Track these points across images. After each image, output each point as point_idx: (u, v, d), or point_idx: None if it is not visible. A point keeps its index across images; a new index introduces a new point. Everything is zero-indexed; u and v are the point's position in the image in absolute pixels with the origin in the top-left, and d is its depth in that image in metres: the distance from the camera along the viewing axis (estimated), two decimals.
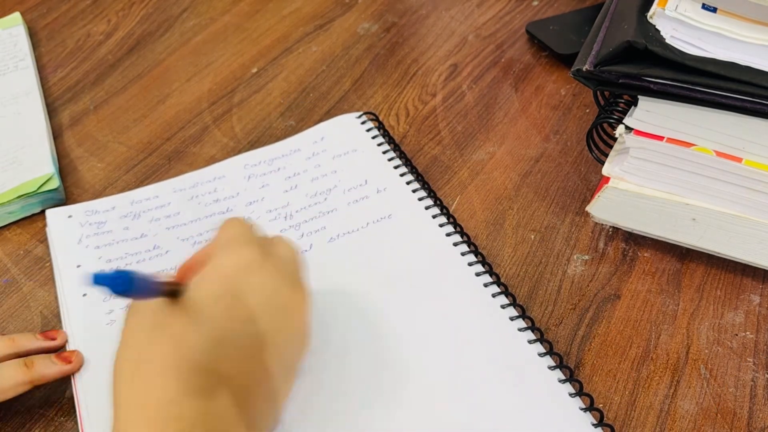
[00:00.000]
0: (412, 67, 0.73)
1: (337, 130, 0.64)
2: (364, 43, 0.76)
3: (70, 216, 0.59)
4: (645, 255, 0.54)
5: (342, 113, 0.67)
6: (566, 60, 0.70)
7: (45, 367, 0.47)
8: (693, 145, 0.49)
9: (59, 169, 0.64)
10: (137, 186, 0.62)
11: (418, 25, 0.78)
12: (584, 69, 0.50)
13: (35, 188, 0.60)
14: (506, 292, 0.51)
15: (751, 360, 0.48)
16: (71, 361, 0.48)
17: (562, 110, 0.66)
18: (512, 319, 0.49)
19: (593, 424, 0.44)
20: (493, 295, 0.50)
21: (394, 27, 0.78)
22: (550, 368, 0.46)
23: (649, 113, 0.49)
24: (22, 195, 0.59)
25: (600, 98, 0.55)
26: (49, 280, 0.56)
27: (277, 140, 0.65)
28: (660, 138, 0.49)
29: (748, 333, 0.49)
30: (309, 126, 0.66)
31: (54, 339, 0.49)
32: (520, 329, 0.48)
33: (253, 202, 0.59)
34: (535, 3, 0.79)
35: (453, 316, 0.49)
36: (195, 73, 0.74)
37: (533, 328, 0.48)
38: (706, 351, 0.48)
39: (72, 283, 0.54)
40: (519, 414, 0.44)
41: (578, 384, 0.46)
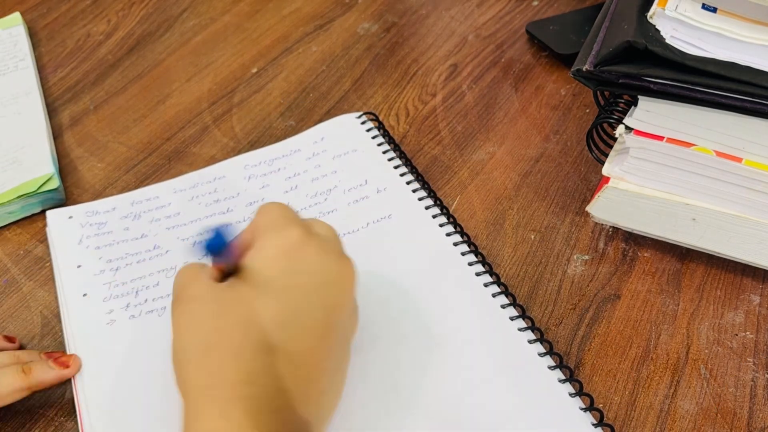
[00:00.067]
0: (412, 67, 0.73)
1: (337, 131, 0.64)
2: (364, 43, 0.76)
3: (71, 217, 0.59)
4: (645, 255, 0.54)
5: (342, 113, 0.67)
6: (566, 60, 0.70)
7: (43, 373, 0.46)
8: (693, 145, 0.49)
9: (59, 169, 0.64)
10: (137, 186, 0.62)
11: (418, 25, 0.78)
12: (584, 69, 0.50)
13: (35, 188, 0.60)
14: (506, 292, 0.51)
15: (751, 360, 0.48)
16: (69, 366, 0.47)
17: (562, 110, 0.66)
18: (512, 319, 0.49)
19: (593, 424, 0.44)
20: (493, 295, 0.50)
21: (394, 27, 0.78)
22: (550, 368, 0.46)
23: (649, 113, 0.49)
24: (22, 195, 0.59)
25: (600, 98, 0.55)
26: (49, 280, 0.56)
27: (277, 140, 0.65)
28: (660, 138, 0.49)
29: (748, 333, 0.49)
30: (309, 126, 0.66)
31: (68, 367, 0.47)
32: (520, 329, 0.48)
33: (254, 203, 0.59)
34: (535, 3, 0.79)
35: (453, 316, 0.49)
36: (195, 73, 0.74)
37: (533, 328, 0.48)
38: (706, 351, 0.48)
39: (72, 284, 0.54)
40: (519, 414, 0.44)
41: (578, 384, 0.46)
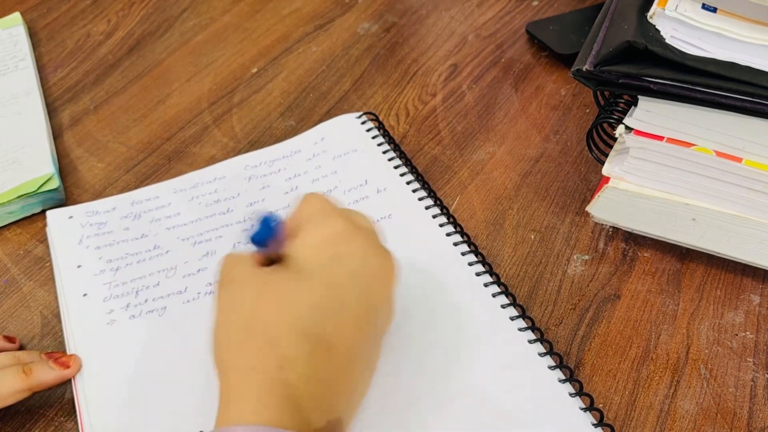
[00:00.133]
0: (412, 67, 0.73)
1: (337, 131, 0.64)
2: (364, 43, 0.76)
3: (71, 216, 0.59)
4: (645, 255, 0.54)
5: (342, 113, 0.67)
6: (566, 60, 0.70)
7: (43, 373, 0.47)
8: (693, 145, 0.49)
9: (59, 169, 0.64)
10: (137, 186, 0.62)
11: (418, 25, 0.78)
12: (584, 69, 0.50)
13: (35, 188, 0.60)
14: (506, 292, 0.51)
15: (751, 360, 0.48)
16: (69, 366, 0.47)
17: (562, 110, 0.66)
18: (512, 319, 0.49)
19: (593, 424, 0.44)
20: (493, 295, 0.50)
21: (394, 27, 0.78)
22: (550, 368, 0.46)
23: (649, 113, 0.49)
24: (22, 195, 0.59)
25: (600, 98, 0.55)
26: (49, 280, 0.56)
27: (277, 140, 0.65)
28: (660, 138, 0.49)
29: (748, 333, 0.49)
30: (309, 126, 0.66)
31: (68, 367, 0.47)
32: (520, 329, 0.48)
33: (254, 203, 0.59)
34: (535, 3, 0.79)
35: (453, 316, 0.49)
36: (195, 73, 0.74)
37: (533, 328, 0.48)
38: (706, 351, 0.48)
39: (72, 283, 0.54)
40: (519, 413, 0.44)
41: (578, 384, 0.46)
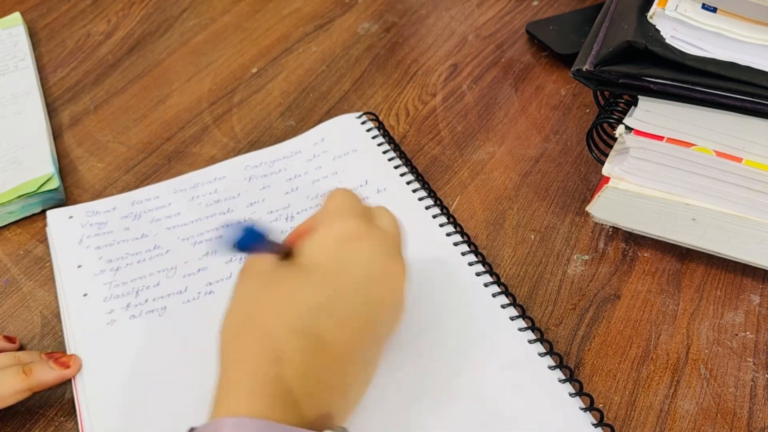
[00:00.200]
0: (412, 67, 0.73)
1: (337, 131, 0.64)
2: (364, 43, 0.76)
3: (71, 216, 0.59)
4: (645, 255, 0.54)
5: (342, 113, 0.67)
6: (566, 60, 0.70)
7: (44, 374, 0.47)
8: (693, 145, 0.49)
9: (59, 169, 0.64)
10: (137, 186, 0.62)
11: (418, 25, 0.78)
12: (584, 69, 0.50)
13: (35, 188, 0.60)
14: (506, 292, 0.51)
15: (751, 360, 0.48)
16: (69, 366, 0.47)
17: (562, 110, 0.66)
18: (512, 319, 0.49)
19: (593, 424, 0.44)
20: (493, 295, 0.50)
21: (394, 27, 0.78)
22: (550, 368, 0.46)
23: (649, 113, 0.49)
24: (22, 195, 0.59)
25: (600, 98, 0.55)
26: (49, 280, 0.56)
27: (277, 140, 0.65)
28: (660, 138, 0.49)
29: (748, 333, 0.49)
30: (309, 126, 0.66)
31: (68, 367, 0.47)
32: (520, 329, 0.48)
33: (254, 203, 0.59)
34: (535, 3, 0.79)
35: (453, 316, 0.49)
36: (195, 73, 0.74)
37: (533, 328, 0.48)
38: (706, 351, 0.48)
39: (72, 283, 0.54)
40: (519, 413, 0.44)
41: (578, 384, 0.46)
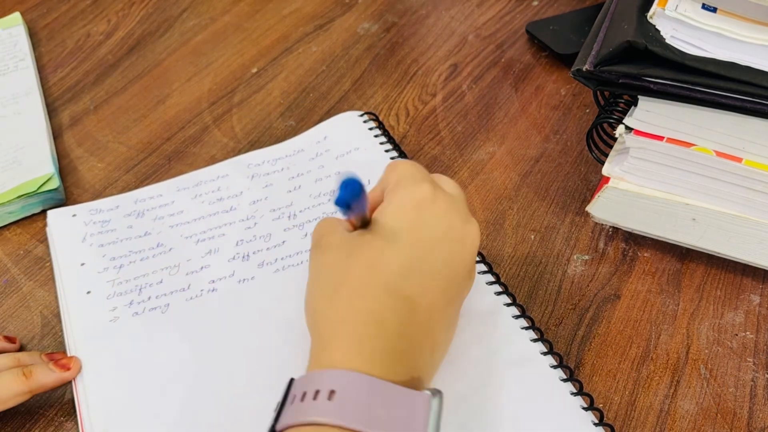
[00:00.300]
0: (412, 67, 0.73)
1: (340, 128, 0.64)
2: (364, 43, 0.76)
3: (74, 215, 0.59)
4: (645, 255, 0.54)
5: (342, 113, 0.67)
6: (566, 60, 0.70)
7: (44, 376, 0.47)
8: (693, 145, 0.49)
9: (59, 169, 0.64)
10: (137, 186, 0.62)
11: (418, 25, 0.78)
12: (584, 69, 0.50)
13: (35, 188, 0.60)
14: (506, 292, 0.51)
15: (751, 360, 0.48)
16: (69, 368, 0.47)
17: (562, 110, 0.67)
18: (513, 319, 0.49)
19: (593, 424, 0.44)
20: (494, 294, 0.50)
21: (394, 27, 0.78)
22: (551, 367, 0.46)
23: (649, 113, 0.49)
24: (22, 195, 0.59)
25: (600, 98, 0.55)
26: (49, 280, 0.56)
27: (278, 140, 0.65)
28: (660, 138, 0.49)
29: (748, 333, 0.49)
30: (309, 126, 0.66)
31: (68, 369, 0.47)
32: (521, 329, 0.48)
33: (257, 201, 0.59)
34: (535, 3, 0.79)
35: None
36: (195, 73, 0.74)
37: (533, 328, 0.48)
38: (706, 351, 0.48)
39: (75, 281, 0.54)
40: (519, 413, 0.44)
41: (578, 384, 0.46)
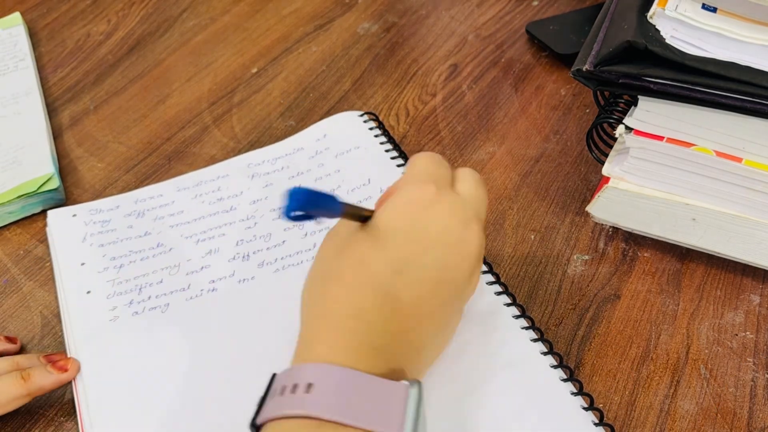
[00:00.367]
0: (412, 67, 0.73)
1: (339, 127, 0.64)
2: (364, 43, 0.76)
3: (75, 215, 0.59)
4: (645, 255, 0.54)
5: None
6: (566, 60, 0.70)
7: (42, 378, 0.47)
8: (693, 145, 0.49)
9: (59, 169, 0.64)
10: (137, 186, 0.62)
11: (418, 25, 0.78)
12: (584, 69, 0.50)
13: (35, 188, 0.60)
14: (506, 292, 0.51)
15: (751, 360, 0.48)
16: (67, 369, 0.48)
17: (562, 110, 0.67)
18: (513, 319, 0.49)
19: (594, 424, 0.44)
20: (494, 294, 0.50)
21: (394, 27, 0.78)
22: (551, 367, 0.46)
23: (649, 113, 0.49)
24: (22, 195, 0.59)
25: (600, 98, 0.55)
26: (49, 280, 0.56)
27: (278, 140, 0.65)
28: (660, 138, 0.49)
29: (748, 333, 0.49)
30: (309, 126, 0.66)
31: (66, 371, 0.47)
32: (521, 329, 0.48)
33: (257, 201, 0.59)
34: (535, 3, 0.79)
35: None
36: (195, 73, 0.74)
37: (533, 328, 0.48)
38: (706, 351, 0.48)
39: (75, 281, 0.54)
40: (519, 413, 0.44)
41: (578, 384, 0.46)
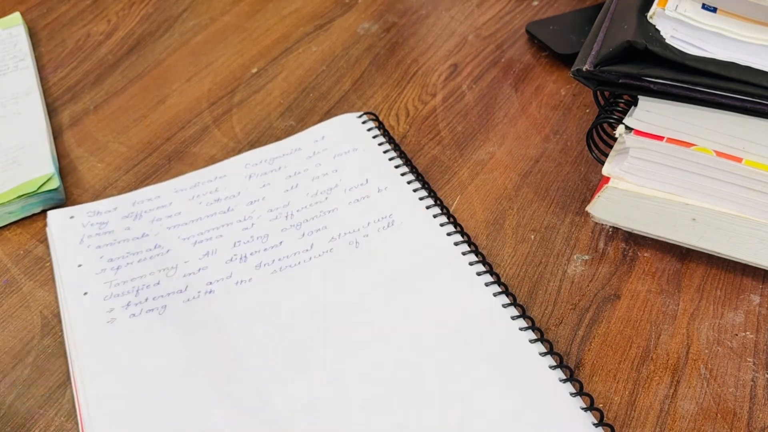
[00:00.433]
0: (412, 67, 0.73)
1: (338, 129, 0.64)
2: (364, 43, 0.76)
3: (72, 216, 0.59)
4: (645, 255, 0.54)
5: (342, 113, 0.67)
6: (566, 60, 0.70)
7: None
8: (693, 145, 0.49)
9: (59, 169, 0.64)
10: (137, 186, 0.62)
11: (418, 25, 0.78)
12: (584, 69, 0.50)
13: (35, 188, 0.60)
14: (506, 292, 0.51)
15: (751, 360, 0.48)
16: None
17: (562, 110, 0.66)
18: (513, 319, 0.49)
19: (593, 424, 0.44)
20: (494, 295, 0.50)
21: (394, 27, 0.78)
22: (551, 368, 0.46)
23: (649, 113, 0.49)
24: (22, 195, 0.59)
25: (600, 98, 0.55)
26: (49, 280, 0.56)
27: (277, 140, 0.65)
28: (660, 138, 0.49)
29: (748, 333, 0.49)
30: (309, 126, 0.66)
31: None
32: (521, 329, 0.48)
33: (254, 202, 0.59)
34: (535, 3, 0.79)
35: (453, 316, 0.49)
36: (195, 73, 0.74)
37: (533, 328, 0.48)
38: (706, 351, 0.48)
39: (73, 282, 0.54)
40: (519, 413, 0.44)
41: (578, 384, 0.46)
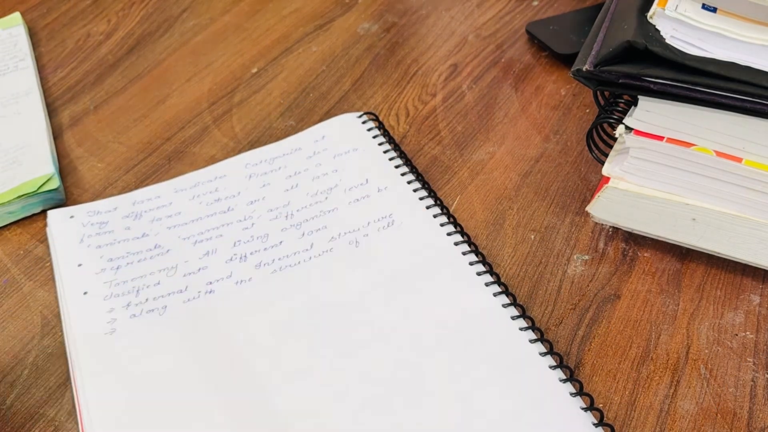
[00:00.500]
0: (412, 67, 0.73)
1: (338, 129, 0.64)
2: (364, 43, 0.76)
3: (72, 216, 0.59)
4: (645, 255, 0.54)
5: (342, 113, 0.67)
6: (566, 60, 0.70)
7: None
8: (693, 145, 0.49)
9: (59, 169, 0.64)
10: (137, 186, 0.62)
11: (418, 25, 0.78)
12: (584, 69, 0.50)
13: (35, 188, 0.60)
14: (506, 292, 0.51)
15: (751, 360, 0.48)
16: None
17: (562, 110, 0.66)
18: (513, 319, 0.49)
19: (593, 424, 0.44)
20: (494, 295, 0.50)
21: (394, 27, 0.78)
22: (551, 368, 0.46)
23: (649, 113, 0.49)
24: (22, 195, 0.59)
25: (600, 98, 0.55)
26: (49, 280, 0.56)
27: (277, 140, 0.65)
28: (660, 138, 0.49)
29: (748, 333, 0.49)
30: (309, 126, 0.66)
31: None
32: (521, 329, 0.48)
33: (254, 201, 0.59)
34: (535, 3, 0.79)
35: (453, 316, 0.49)
36: (195, 73, 0.75)
37: (533, 328, 0.48)
38: (706, 351, 0.48)
39: (72, 282, 0.54)
40: (519, 413, 0.44)
41: (578, 384, 0.46)
